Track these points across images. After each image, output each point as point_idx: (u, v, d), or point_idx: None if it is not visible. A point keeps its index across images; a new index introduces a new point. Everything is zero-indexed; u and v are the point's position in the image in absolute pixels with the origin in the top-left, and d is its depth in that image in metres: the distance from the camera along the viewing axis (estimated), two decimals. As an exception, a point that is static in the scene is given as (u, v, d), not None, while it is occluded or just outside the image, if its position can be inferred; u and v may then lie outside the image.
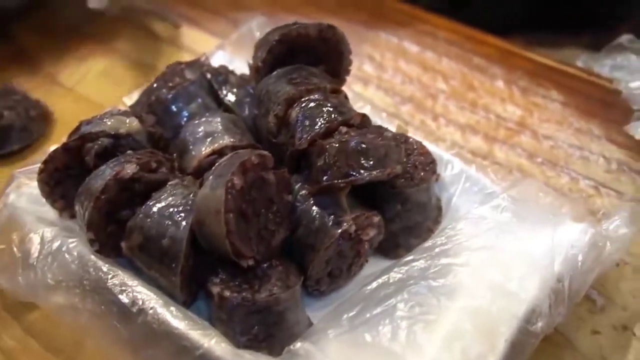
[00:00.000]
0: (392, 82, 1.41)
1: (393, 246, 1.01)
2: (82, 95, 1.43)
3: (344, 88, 1.07)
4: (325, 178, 0.91)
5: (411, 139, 1.06)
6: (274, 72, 1.05)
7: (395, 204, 0.99)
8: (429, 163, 1.03)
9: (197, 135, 1.03)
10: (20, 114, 1.31)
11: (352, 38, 1.10)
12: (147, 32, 1.59)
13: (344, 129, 0.96)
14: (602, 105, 1.34)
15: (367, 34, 1.52)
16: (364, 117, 1.00)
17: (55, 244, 0.95)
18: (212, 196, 0.84)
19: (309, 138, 0.95)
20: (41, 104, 1.38)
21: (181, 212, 0.90)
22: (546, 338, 0.89)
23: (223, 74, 1.15)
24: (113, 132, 0.99)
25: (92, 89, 1.44)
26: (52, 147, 1.05)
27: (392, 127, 1.11)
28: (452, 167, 1.09)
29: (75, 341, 0.97)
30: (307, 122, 0.97)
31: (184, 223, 0.89)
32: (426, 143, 1.07)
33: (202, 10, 1.64)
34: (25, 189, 1.04)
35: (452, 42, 1.49)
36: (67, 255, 0.93)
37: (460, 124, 1.31)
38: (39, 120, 1.34)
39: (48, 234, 0.96)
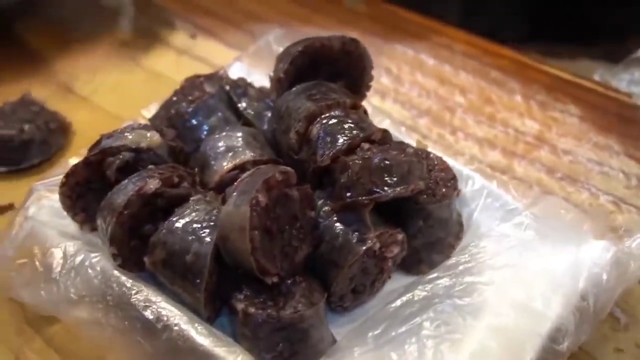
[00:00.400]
0: (409, 95, 1.41)
1: (415, 262, 1.01)
2: (98, 105, 1.43)
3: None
4: (348, 195, 0.91)
5: (432, 155, 1.06)
6: (294, 89, 1.05)
7: (418, 220, 0.99)
8: (450, 179, 1.03)
9: (218, 150, 1.02)
10: (40, 127, 1.30)
11: (369, 50, 1.10)
12: (162, 42, 1.60)
13: (366, 146, 0.96)
14: (620, 120, 1.34)
15: (383, 46, 1.52)
16: (385, 132, 1.00)
17: (78, 259, 0.95)
18: (237, 213, 0.84)
19: (331, 155, 0.95)
20: (60, 116, 1.38)
21: (205, 228, 0.90)
22: (569, 356, 0.88)
23: (242, 86, 1.15)
24: (134, 147, 0.99)
25: (107, 99, 1.44)
26: (72, 160, 1.05)
27: (411, 141, 1.10)
28: (472, 183, 1.08)
29: (97, 356, 0.97)
30: (328, 139, 0.97)
31: (207, 239, 0.88)
32: (446, 158, 1.07)
33: (217, 21, 1.65)
34: (46, 202, 1.04)
35: (468, 55, 1.50)
36: (89, 270, 0.93)
37: (478, 138, 1.31)
38: (59, 133, 1.34)
39: (70, 248, 0.96)
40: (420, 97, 1.40)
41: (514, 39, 1.58)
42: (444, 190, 1.01)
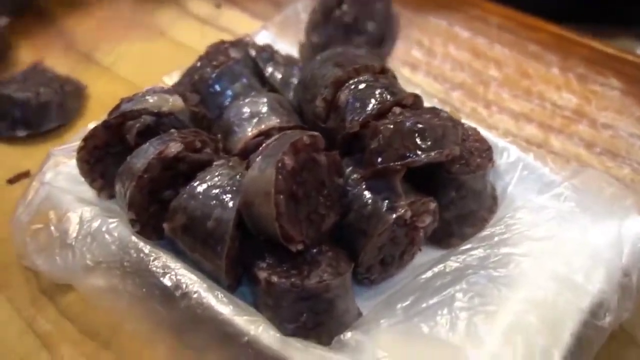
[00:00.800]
0: (442, 68, 1.36)
1: (446, 235, 0.96)
2: (119, 75, 1.40)
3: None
4: (380, 160, 0.87)
5: (466, 125, 1.01)
6: (318, 57, 1.02)
7: (450, 190, 0.94)
8: (485, 150, 0.98)
9: (243, 116, 0.98)
10: (56, 90, 1.28)
11: (400, 22, 1.06)
12: (186, 12, 1.56)
13: (397, 110, 0.92)
14: (663, 93, 1.29)
15: (415, 18, 1.47)
16: (416, 97, 0.96)
17: (95, 224, 0.91)
18: (262, 177, 0.80)
19: (361, 120, 0.91)
20: (73, 79, 1.35)
21: (227, 192, 0.86)
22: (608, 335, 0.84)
23: (268, 52, 1.12)
24: (155, 110, 0.95)
25: (129, 69, 1.41)
26: (91, 125, 1.02)
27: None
28: (508, 155, 1.03)
29: (111, 324, 0.94)
30: (358, 104, 0.93)
31: (230, 204, 0.84)
32: (480, 129, 1.02)
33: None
34: (63, 168, 1.01)
35: (504, 28, 1.44)
36: (107, 236, 0.89)
37: (513, 111, 1.26)
38: (74, 96, 1.32)
39: (87, 213, 0.92)
40: (454, 70, 1.36)
41: (548, 17, 1.52)
42: (478, 160, 0.96)
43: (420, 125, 0.87)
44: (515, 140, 1.17)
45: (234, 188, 0.86)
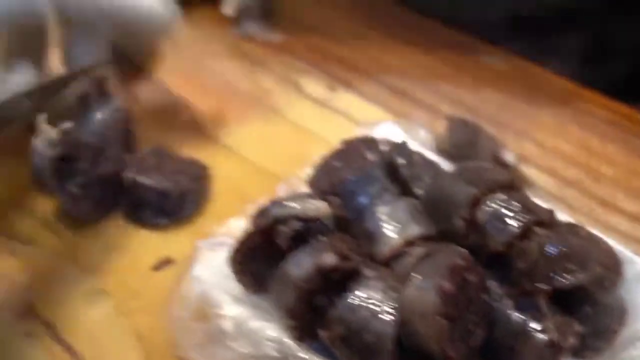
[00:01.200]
0: (554, 163, 1.40)
1: (580, 348, 1.00)
2: (241, 155, 1.44)
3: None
4: (526, 282, 0.92)
5: (598, 238, 1.06)
6: (446, 174, 1.08)
7: (585, 306, 0.98)
8: (616, 264, 1.02)
9: (383, 223, 1.03)
10: (190, 177, 1.33)
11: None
12: (301, 93, 1.61)
13: (539, 230, 0.96)
14: None
15: (525, 109, 1.52)
16: (552, 213, 1.01)
17: (251, 325, 0.97)
18: (421, 297, 0.86)
19: (505, 241, 0.96)
20: (198, 162, 1.39)
21: (384, 307, 0.91)
22: None
23: (403, 150, 1.15)
24: (304, 217, 1.01)
25: (250, 150, 1.45)
26: (234, 221, 1.09)
27: (564, 216, 1.09)
28: (634, 266, 1.07)
29: None
30: (498, 225, 0.97)
31: (388, 319, 0.90)
32: (605, 237, 1.05)
33: (353, 72, 1.66)
34: (211, 263, 1.07)
35: (613, 123, 1.48)
36: (265, 340, 0.95)
37: (628, 212, 1.29)
38: (204, 181, 1.36)
39: (243, 313, 0.98)
40: (566, 165, 1.40)
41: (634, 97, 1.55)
42: (611, 275, 1.00)
43: (564, 248, 0.93)
44: (631, 243, 1.20)
45: (390, 302, 0.91)
